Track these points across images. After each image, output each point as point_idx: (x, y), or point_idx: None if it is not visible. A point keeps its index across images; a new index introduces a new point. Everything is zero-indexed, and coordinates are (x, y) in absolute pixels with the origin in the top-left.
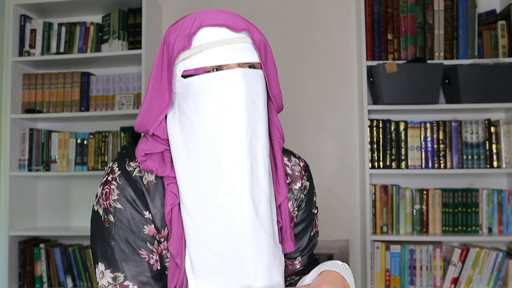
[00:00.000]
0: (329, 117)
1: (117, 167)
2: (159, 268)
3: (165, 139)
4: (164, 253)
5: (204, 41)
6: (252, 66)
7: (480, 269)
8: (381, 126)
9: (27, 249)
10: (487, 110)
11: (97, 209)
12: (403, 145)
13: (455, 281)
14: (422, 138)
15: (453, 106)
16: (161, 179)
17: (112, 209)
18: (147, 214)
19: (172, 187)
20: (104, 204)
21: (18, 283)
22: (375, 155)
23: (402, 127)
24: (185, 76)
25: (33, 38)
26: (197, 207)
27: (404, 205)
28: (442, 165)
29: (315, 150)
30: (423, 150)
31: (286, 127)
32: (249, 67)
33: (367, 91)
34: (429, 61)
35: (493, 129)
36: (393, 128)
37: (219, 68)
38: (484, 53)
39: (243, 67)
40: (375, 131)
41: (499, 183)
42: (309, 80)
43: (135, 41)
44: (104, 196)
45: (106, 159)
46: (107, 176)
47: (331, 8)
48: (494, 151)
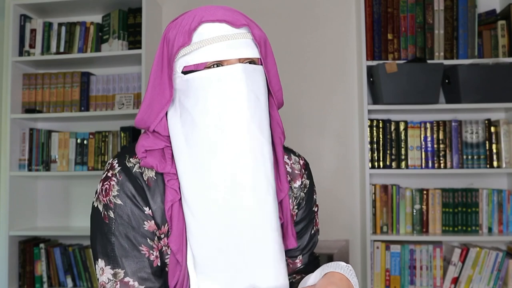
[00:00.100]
0: (329, 116)
1: (117, 163)
2: (159, 264)
3: (166, 135)
4: (164, 249)
5: (204, 37)
6: (252, 61)
7: (480, 269)
8: (381, 126)
9: (27, 249)
10: (487, 110)
11: (97, 205)
12: (403, 145)
13: (455, 281)
14: (422, 138)
15: (453, 106)
16: (161, 176)
17: (112, 205)
18: (147, 210)
19: (172, 184)
20: (104, 200)
21: (18, 283)
22: (375, 155)
23: (402, 127)
24: (186, 72)
25: (33, 38)
26: (199, 203)
27: (404, 205)
28: (442, 165)
29: (315, 149)
30: (423, 150)
31: (286, 127)
32: (249, 62)
33: (367, 91)
34: (429, 61)
35: (493, 129)
36: (393, 128)
37: (219, 64)
38: (484, 53)
39: (244, 63)
40: (375, 131)
41: (499, 183)
42: (309, 80)
43: (135, 41)
44: (104, 192)
45: (106, 159)
46: (107, 172)
47: (331, 8)
48: (494, 151)
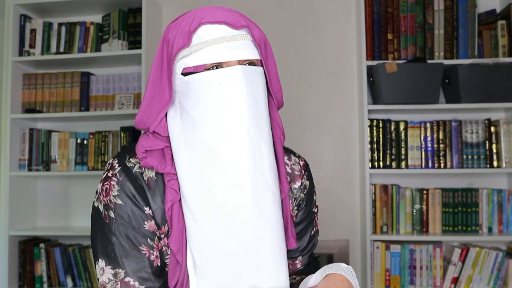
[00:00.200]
0: (329, 117)
1: (117, 163)
2: (159, 264)
3: (166, 136)
4: (164, 249)
5: (204, 38)
6: (252, 63)
7: (480, 268)
8: (381, 126)
9: (27, 249)
10: (487, 110)
11: (97, 205)
12: (403, 145)
13: (455, 281)
14: (422, 138)
15: (453, 106)
16: (161, 176)
17: (112, 205)
18: (147, 210)
19: (172, 184)
20: (104, 200)
21: (18, 283)
22: (375, 155)
23: (402, 127)
24: (185, 73)
25: (33, 38)
26: (198, 204)
27: (404, 205)
28: (442, 165)
29: (315, 149)
30: (423, 150)
31: (286, 127)
32: (249, 64)
33: (367, 91)
34: (429, 61)
35: (493, 129)
36: (393, 128)
37: (219, 66)
38: (484, 53)
39: (243, 64)
40: (375, 131)
41: (499, 183)
42: (309, 80)
43: (135, 41)
44: (104, 192)
45: (106, 159)
46: (107, 172)
47: (331, 8)
48: (494, 151)
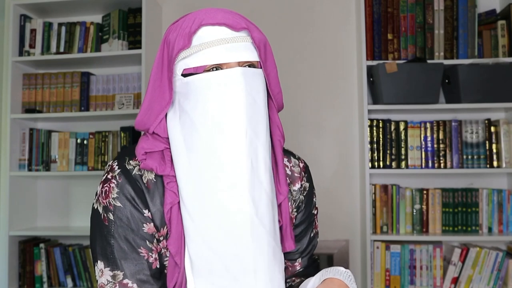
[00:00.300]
0: (329, 117)
1: (117, 165)
2: (158, 266)
3: (165, 137)
4: (163, 251)
5: (204, 40)
6: (252, 65)
7: (480, 268)
8: (381, 126)
9: (27, 249)
10: (487, 110)
11: (97, 207)
12: (403, 145)
13: (455, 281)
14: (422, 138)
15: (453, 106)
16: (160, 178)
17: (111, 207)
18: (146, 213)
19: (171, 186)
20: (104, 202)
21: (18, 283)
22: (375, 155)
23: (402, 127)
24: (185, 75)
25: (33, 38)
26: (197, 205)
27: (404, 205)
28: (442, 165)
29: (315, 149)
30: (423, 150)
31: (285, 127)
32: (249, 66)
33: (367, 91)
34: (429, 61)
35: (493, 129)
36: (393, 128)
37: (219, 67)
38: (484, 53)
39: (243, 66)
40: (375, 131)
41: (499, 183)
42: (309, 80)
43: (135, 41)
44: (103, 194)
45: (106, 159)
46: (106, 174)
47: (331, 8)
48: (494, 151)
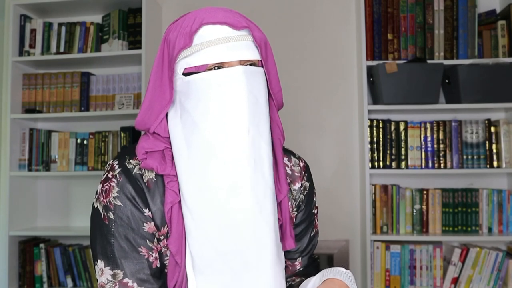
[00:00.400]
0: (329, 117)
1: (117, 164)
2: (158, 266)
3: (166, 137)
4: (163, 251)
5: (205, 39)
6: (252, 63)
7: (480, 269)
8: (381, 126)
9: (27, 249)
10: (487, 110)
11: (97, 206)
12: (403, 145)
13: (455, 281)
14: (422, 138)
15: (453, 106)
16: (161, 177)
17: (112, 206)
18: (146, 212)
19: (172, 185)
20: (104, 201)
21: (18, 283)
22: (375, 155)
23: (402, 127)
24: (186, 74)
25: (33, 38)
26: (198, 204)
27: (404, 205)
28: (442, 165)
29: (315, 150)
30: (423, 150)
31: (285, 127)
32: (250, 64)
33: (367, 91)
34: (429, 61)
35: (493, 129)
36: (393, 128)
37: (220, 66)
38: (484, 53)
39: (244, 65)
40: (375, 131)
41: (499, 183)
42: (309, 80)
43: (135, 41)
44: (104, 193)
45: (106, 159)
46: (107, 173)
47: (331, 8)
48: (494, 151)
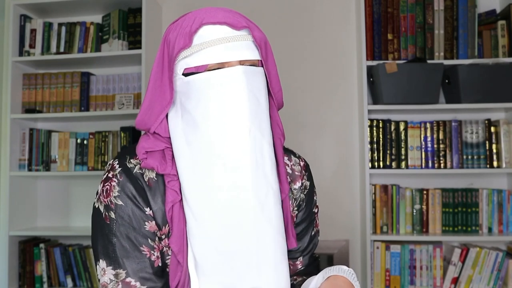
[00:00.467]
0: (329, 117)
1: (117, 164)
2: (160, 265)
3: (166, 137)
4: (165, 250)
5: (205, 39)
6: (252, 63)
7: (480, 269)
8: (381, 126)
9: (27, 249)
10: (487, 110)
11: (98, 206)
12: (403, 145)
13: (455, 281)
14: (422, 138)
15: (453, 106)
16: (161, 177)
17: (113, 205)
18: (148, 211)
19: (173, 185)
20: (105, 201)
21: (18, 283)
22: (375, 155)
23: (402, 127)
24: (186, 74)
25: (33, 38)
26: (200, 203)
27: (404, 205)
28: (442, 165)
29: (314, 150)
30: (423, 150)
31: (286, 127)
32: (250, 64)
33: (367, 91)
34: (429, 61)
35: (493, 129)
36: (393, 128)
37: (220, 66)
38: (484, 53)
39: (244, 65)
40: (375, 131)
41: (499, 183)
42: (309, 80)
43: (135, 41)
44: (104, 193)
45: (106, 159)
46: (107, 173)
47: (331, 8)
48: (494, 151)
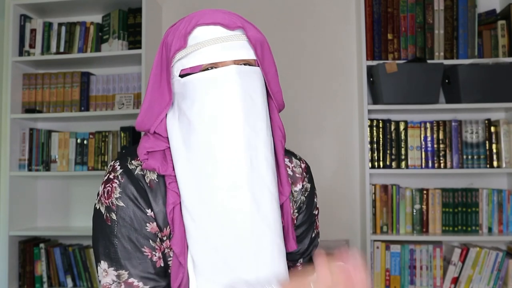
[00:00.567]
0: (329, 117)
1: (118, 165)
2: (162, 265)
3: (166, 137)
4: (166, 251)
5: (199, 39)
6: (248, 63)
7: (480, 269)
8: (381, 126)
9: (27, 249)
10: (487, 110)
11: (99, 207)
12: (403, 145)
13: (455, 281)
14: (422, 138)
15: (453, 106)
16: (163, 178)
17: (114, 207)
18: (149, 212)
19: (173, 186)
20: (106, 202)
21: (18, 283)
22: (375, 155)
23: (402, 127)
24: (182, 75)
25: (33, 38)
26: (197, 205)
27: (404, 205)
28: (442, 165)
29: (315, 149)
30: (423, 150)
31: (285, 127)
32: (245, 64)
33: (367, 91)
34: (429, 61)
35: (493, 129)
36: (393, 128)
37: (214, 66)
38: (484, 53)
39: (239, 64)
40: (375, 131)
41: (499, 183)
42: (309, 80)
43: (135, 41)
44: (106, 194)
45: (106, 159)
46: (108, 174)
47: (331, 8)
48: (494, 151)
